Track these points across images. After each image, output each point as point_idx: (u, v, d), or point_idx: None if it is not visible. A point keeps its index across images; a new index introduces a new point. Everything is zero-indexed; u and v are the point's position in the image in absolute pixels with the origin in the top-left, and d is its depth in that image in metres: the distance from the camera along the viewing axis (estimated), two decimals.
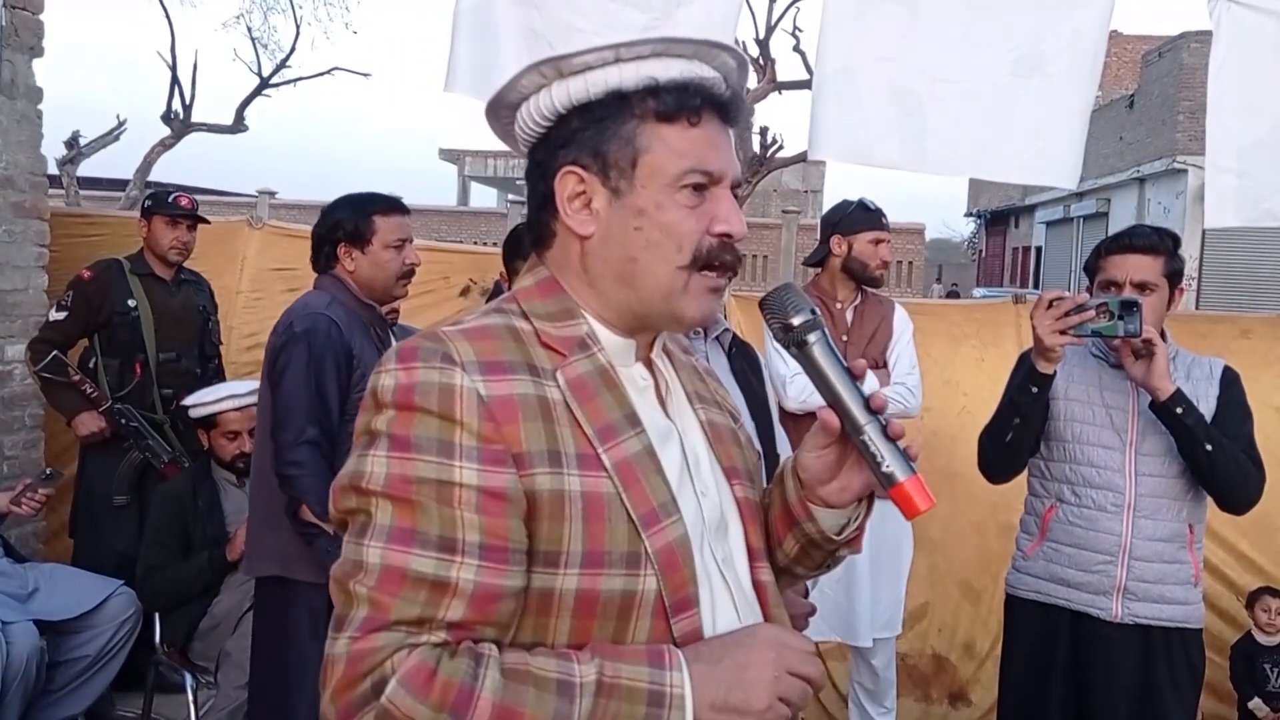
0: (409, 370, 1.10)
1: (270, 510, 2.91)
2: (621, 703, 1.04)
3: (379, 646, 1.02)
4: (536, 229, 1.25)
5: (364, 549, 1.07)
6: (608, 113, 1.18)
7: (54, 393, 4.27)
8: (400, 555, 1.05)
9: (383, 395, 1.11)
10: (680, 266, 1.17)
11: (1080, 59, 3.48)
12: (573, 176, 1.19)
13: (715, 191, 1.19)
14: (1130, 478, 2.62)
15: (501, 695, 1.01)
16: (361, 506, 1.09)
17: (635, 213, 1.17)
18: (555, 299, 1.21)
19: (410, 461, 1.07)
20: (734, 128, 1.24)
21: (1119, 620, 2.60)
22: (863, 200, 3.70)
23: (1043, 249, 29.24)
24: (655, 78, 1.18)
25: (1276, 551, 4.16)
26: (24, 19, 4.59)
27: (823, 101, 3.57)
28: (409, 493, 1.06)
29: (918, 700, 4.39)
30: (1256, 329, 4.41)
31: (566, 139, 1.20)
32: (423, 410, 1.08)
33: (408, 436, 1.08)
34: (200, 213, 4.49)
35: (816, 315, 1.21)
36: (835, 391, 1.19)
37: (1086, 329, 2.49)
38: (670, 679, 1.06)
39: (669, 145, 1.18)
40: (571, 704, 1.03)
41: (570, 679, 1.04)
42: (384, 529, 1.06)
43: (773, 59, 14.13)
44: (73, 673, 3.56)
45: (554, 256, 1.24)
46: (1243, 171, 3.54)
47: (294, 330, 2.87)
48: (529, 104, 1.22)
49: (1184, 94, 18.68)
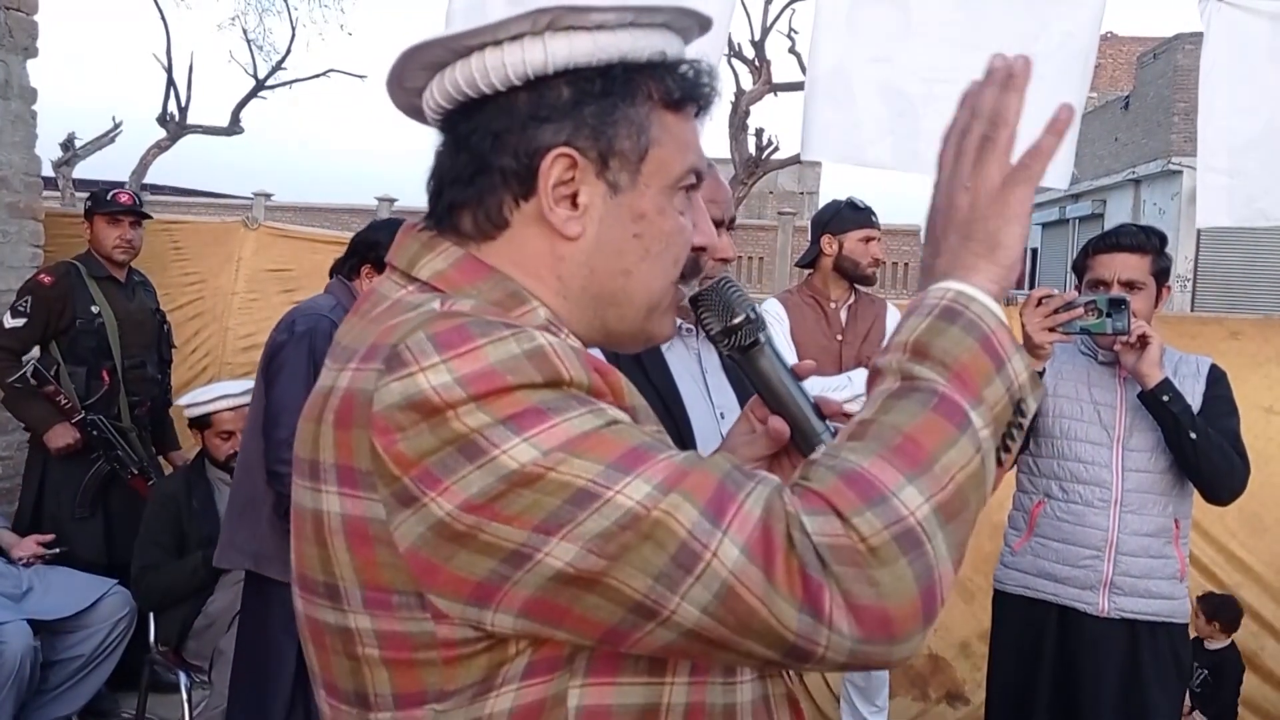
0: (468, 354, 0.83)
1: (248, 505, 2.94)
2: (935, 342, 0.89)
3: (766, 507, 0.80)
4: (474, 214, 0.97)
5: (615, 499, 0.79)
6: (615, 88, 0.95)
7: (22, 405, 4.08)
8: (655, 466, 0.81)
9: (444, 396, 0.81)
10: (673, 282, 1.01)
11: (1072, 60, 3.49)
12: (565, 160, 0.94)
13: (697, 197, 1.03)
14: (1117, 473, 2.64)
15: (872, 449, 0.83)
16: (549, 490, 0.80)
17: (635, 216, 0.97)
18: (489, 280, 0.95)
19: (562, 425, 0.82)
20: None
21: (1106, 615, 2.62)
22: (851, 199, 3.72)
23: (1038, 250, 29.27)
24: (665, 53, 0.97)
25: (1266, 550, 4.18)
26: (18, 19, 4.61)
27: (815, 102, 3.59)
28: (591, 438, 0.82)
29: (915, 699, 4.39)
30: (1246, 330, 4.44)
31: (551, 111, 0.94)
32: (523, 387, 0.82)
33: (532, 408, 0.82)
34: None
35: (759, 313, 1.10)
36: (785, 399, 1.09)
37: (1075, 326, 2.51)
38: (935, 297, 0.92)
39: (675, 138, 0.98)
40: (917, 386, 0.87)
41: (890, 388, 0.88)
42: (608, 470, 0.80)
43: (768, 60, 14.18)
44: (67, 672, 3.57)
45: (497, 251, 0.97)
46: (1234, 171, 3.56)
47: (296, 329, 2.90)
48: (498, 54, 0.94)
49: (1179, 95, 18.71)
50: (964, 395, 0.86)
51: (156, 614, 3.67)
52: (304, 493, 0.93)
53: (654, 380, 1.90)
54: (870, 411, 0.87)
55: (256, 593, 2.98)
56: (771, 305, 3.64)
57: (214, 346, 5.28)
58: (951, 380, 0.86)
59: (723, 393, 2.10)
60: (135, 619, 3.68)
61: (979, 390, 0.87)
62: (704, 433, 1.88)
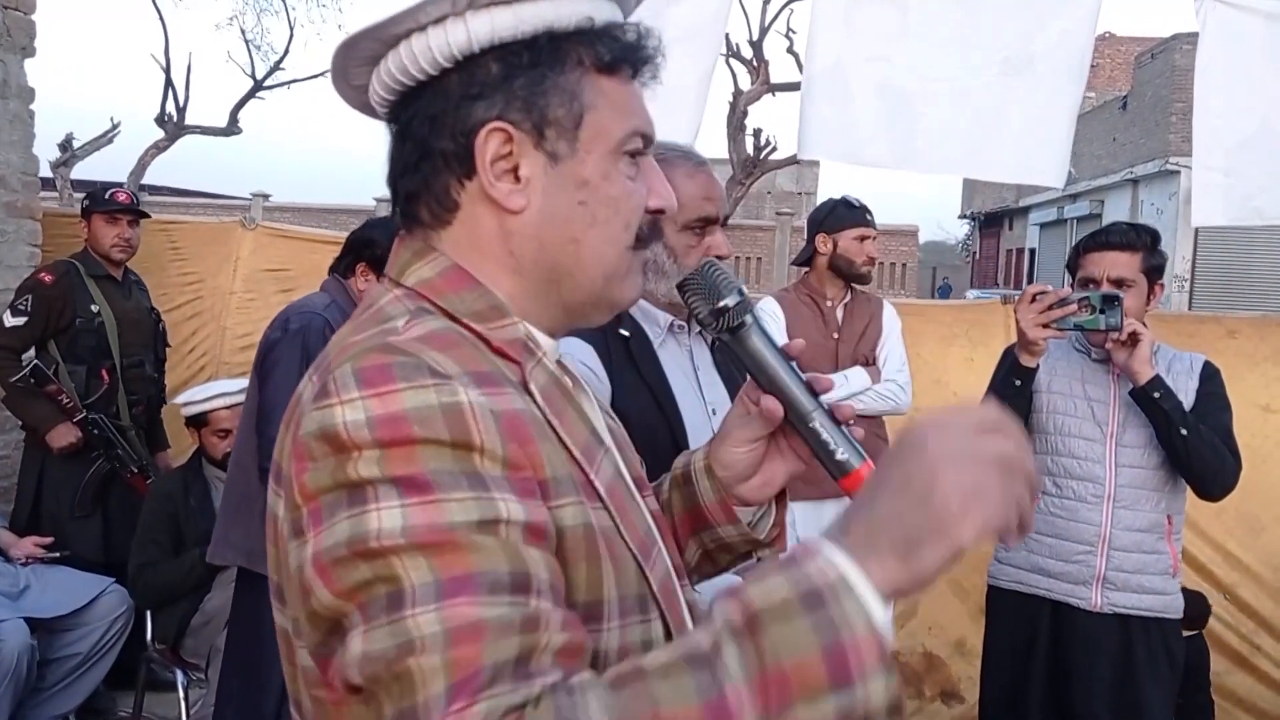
0: (387, 395, 0.82)
1: (242, 503, 2.95)
2: (772, 626, 0.76)
3: (476, 711, 0.74)
4: (426, 202, 0.98)
5: (407, 623, 0.76)
6: (541, 58, 0.95)
7: (24, 404, 4.08)
8: (466, 608, 0.76)
9: (352, 434, 0.81)
10: (627, 247, 0.99)
11: (1069, 59, 3.50)
12: (499, 135, 0.94)
13: (646, 160, 1.01)
14: (1110, 469, 2.65)
15: (617, 707, 0.74)
16: (380, 575, 0.78)
17: (579, 184, 0.96)
18: (474, 292, 0.96)
19: (437, 505, 0.79)
20: (645, 86, 1.04)
21: (1098, 610, 2.63)
22: (846, 197, 3.73)
23: (1036, 251, 29.30)
24: (591, 18, 0.97)
25: (1263, 549, 4.19)
26: (16, 19, 4.62)
27: (812, 101, 3.59)
28: (450, 537, 0.78)
29: (910, 697, 4.40)
30: (1242, 329, 4.44)
31: (482, 88, 0.95)
32: (428, 442, 0.81)
33: (421, 474, 0.80)
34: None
35: (746, 295, 1.10)
36: (777, 378, 1.08)
37: (1069, 323, 2.53)
38: (817, 566, 0.78)
39: (612, 102, 0.97)
40: (713, 666, 0.75)
41: (697, 647, 0.77)
42: (427, 588, 0.77)
43: (766, 60, 14.16)
44: (64, 670, 3.57)
45: (454, 239, 0.98)
46: (1230, 170, 3.56)
47: (289, 327, 2.90)
48: (423, 39, 0.95)
49: (1177, 95, 18.74)
50: (754, 709, 0.74)
51: (154, 612, 3.68)
52: (271, 495, 0.94)
53: (646, 376, 1.91)
54: (663, 656, 0.77)
55: (249, 589, 2.98)
56: (768, 304, 3.65)
57: (212, 346, 5.29)
58: (753, 684, 0.74)
59: (714, 389, 2.10)
60: (132, 617, 3.69)
61: (785, 707, 0.74)
62: (695, 428, 1.88)
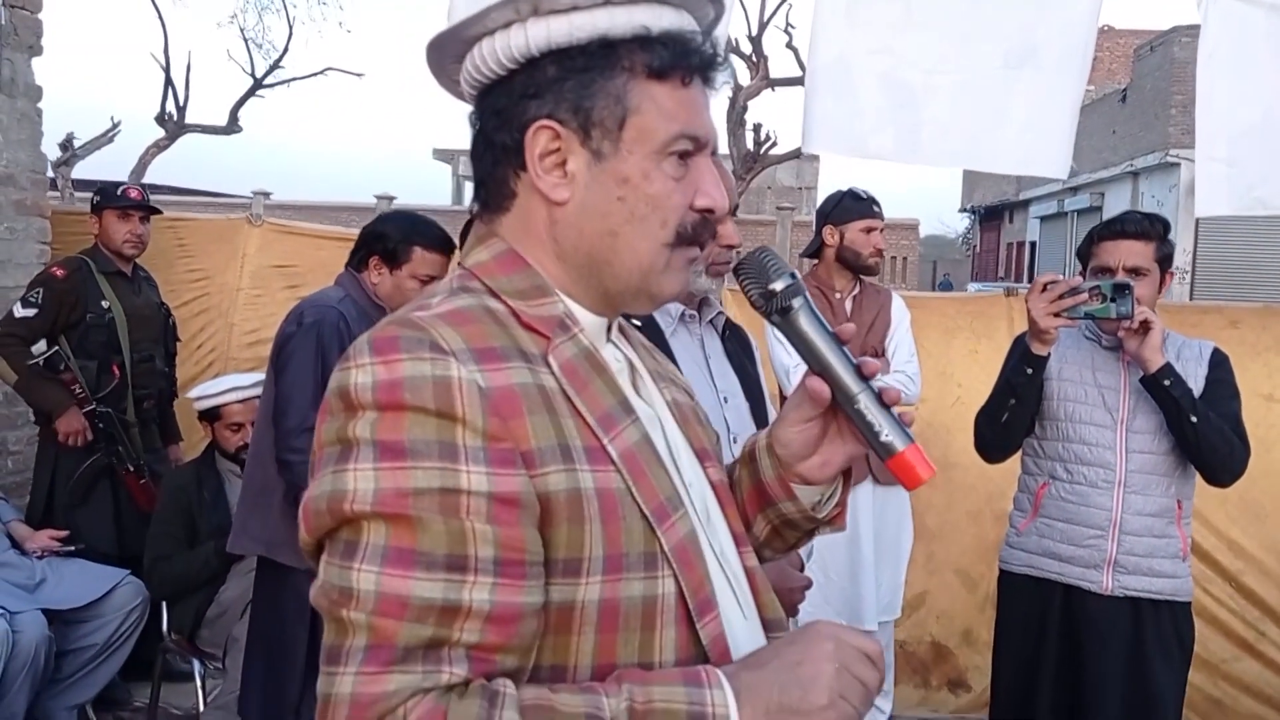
0: (391, 363, 0.93)
1: (261, 494, 2.98)
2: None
3: (390, 691, 0.87)
4: (490, 189, 1.09)
5: (352, 573, 0.90)
6: (593, 63, 1.03)
7: (39, 387, 4.10)
8: (400, 581, 0.89)
9: (359, 395, 0.93)
10: (664, 244, 1.06)
11: (1071, 50, 3.51)
12: (547, 132, 1.04)
13: (698, 161, 1.08)
14: (1121, 455, 2.67)
15: None
16: (346, 527, 0.92)
17: (619, 180, 1.04)
18: (521, 274, 1.06)
19: (406, 471, 0.90)
20: (715, 92, 1.11)
21: (1110, 593, 2.65)
22: (853, 189, 3.75)
23: (1037, 244, 29.32)
24: (648, 26, 1.04)
25: (1266, 537, 4.21)
26: (23, 18, 4.64)
27: (816, 94, 3.61)
28: (406, 507, 0.90)
29: (917, 686, 4.43)
30: (1245, 319, 4.46)
31: (539, 88, 1.04)
32: (415, 409, 0.92)
33: (400, 441, 0.91)
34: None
35: (798, 279, 1.13)
36: (824, 360, 1.11)
37: (1080, 311, 2.54)
38: (711, 698, 0.92)
39: (660, 106, 1.04)
40: None
41: (599, 713, 0.89)
42: (377, 550, 0.90)
43: (765, 56, 14.17)
44: (80, 661, 3.61)
45: (511, 224, 1.09)
46: (1233, 160, 3.57)
47: (304, 320, 2.94)
48: (491, 42, 1.05)
49: (1176, 88, 18.75)
50: None
51: (169, 603, 3.70)
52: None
53: None
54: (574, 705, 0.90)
55: (269, 578, 3.02)
56: None
57: (219, 342, 5.31)
58: None
59: (725, 378, 2.13)
60: (148, 609, 3.72)
61: None
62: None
